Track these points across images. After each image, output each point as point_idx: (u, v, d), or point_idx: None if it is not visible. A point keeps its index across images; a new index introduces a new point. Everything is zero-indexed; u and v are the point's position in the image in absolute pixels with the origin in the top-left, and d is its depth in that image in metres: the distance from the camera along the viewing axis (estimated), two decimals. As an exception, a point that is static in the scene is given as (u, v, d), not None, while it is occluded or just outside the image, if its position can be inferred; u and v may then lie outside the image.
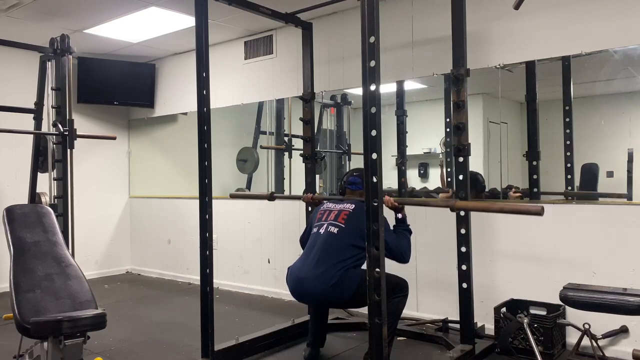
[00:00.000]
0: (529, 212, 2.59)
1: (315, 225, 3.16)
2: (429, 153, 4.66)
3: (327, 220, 3.10)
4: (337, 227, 3.03)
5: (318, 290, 2.90)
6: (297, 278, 3.03)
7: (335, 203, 3.22)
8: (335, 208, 3.16)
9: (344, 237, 2.97)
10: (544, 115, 3.74)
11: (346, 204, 3.15)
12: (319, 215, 3.19)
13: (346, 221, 3.03)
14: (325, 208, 3.22)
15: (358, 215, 2.96)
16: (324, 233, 3.05)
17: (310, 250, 3.06)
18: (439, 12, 3.76)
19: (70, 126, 3.90)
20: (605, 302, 2.52)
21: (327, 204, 3.26)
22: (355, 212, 3.04)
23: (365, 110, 2.32)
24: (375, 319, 2.32)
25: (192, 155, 3.22)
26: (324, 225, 3.09)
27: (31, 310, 2.35)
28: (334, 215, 3.10)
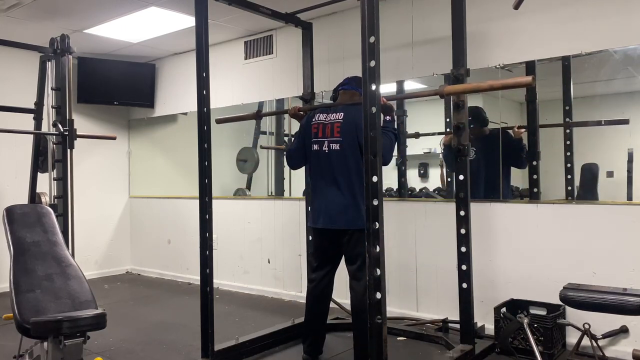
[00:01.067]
0: (518, 84, 2.56)
1: (314, 141, 3.14)
2: (429, 153, 4.66)
3: (325, 136, 3.09)
4: (338, 142, 3.04)
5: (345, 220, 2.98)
6: (328, 208, 3.05)
7: (325, 113, 3.17)
8: (327, 120, 3.12)
9: (348, 151, 3.00)
10: (544, 115, 3.74)
11: (334, 113, 3.12)
12: (314, 130, 3.16)
13: (341, 133, 3.04)
14: (317, 121, 3.17)
15: (349, 123, 3.01)
16: (329, 152, 3.06)
17: (323, 173, 3.08)
18: (439, 12, 3.76)
19: (70, 126, 3.90)
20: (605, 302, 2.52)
21: (317, 115, 3.20)
22: (345, 119, 3.04)
23: (365, 110, 2.32)
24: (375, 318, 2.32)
25: (192, 155, 3.22)
26: (324, 142, 3.08)
27: (31, 310, 2.35)
28: (329, 129, 3.09)
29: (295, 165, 3.40)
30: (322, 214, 3.09)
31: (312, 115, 3.25)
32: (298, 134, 3.32)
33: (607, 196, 3.39)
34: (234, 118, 3.91)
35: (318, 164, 3.14)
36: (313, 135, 3.16)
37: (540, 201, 3.58)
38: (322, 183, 3.11)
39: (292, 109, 3.44)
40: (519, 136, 3.77)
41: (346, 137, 3.02)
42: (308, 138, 3.20)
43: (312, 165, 3.20)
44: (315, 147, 3.14)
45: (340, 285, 3.42)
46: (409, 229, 4.07)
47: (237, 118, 3.92)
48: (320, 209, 3.11)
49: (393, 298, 4.00)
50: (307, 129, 3.22)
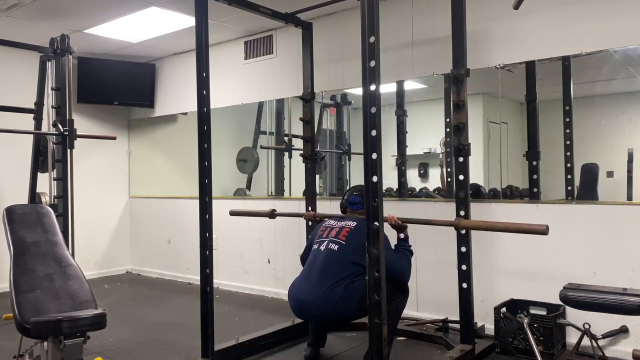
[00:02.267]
0: (534, 232, 2.59)
1: (316, 242, 3.16)
2: (429, 153, 4.66)
3: (328, 237, 3.10)
4: (338, 244, 3.03)
5: (320, 311, 2.92)
6: (298, 300, 3.01)
7: (337, 220, 3.22)
8: (337, 225, 3.15)
9: (344, 254, 2.97)
10: (544, 115, 3.74)
11: (348, 221, 3.15)
12: (320, 232, 3.19)
13: (347, 238, 3.02)
14: (326, 225, 3.21)
15: (359, 233, 2.93)
16: (324, 250, 3.04)
17: (310, 268, 3.06)
18: (439, 12, 3.76)
19: (70, 126, 3.90)
20: (605, 302, 2.52)
21: (328, 221, 3.26)
22: (357, 229, 3.03)
23: (365, 110, 2.32)
24: (375, 318, 2.32)
25: (192, 155, 3.22)
26: (324, 242, 3.09)
27: (31, 310, 2.35)
28: (335, 232, 3.10)
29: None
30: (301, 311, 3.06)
31: (324, 221, 3.30)
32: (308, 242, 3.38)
33: (607, 196, 3.39)
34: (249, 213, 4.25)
35: (310, 260, 3.12)
36: (318, 237, 3.18)
37: (540, 201, 3.58)
38: (304, 277, 3.07)
39: (307, 214, 3.74)
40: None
41: (350, 241, 2.99)
42: (313, 240, 3.22)
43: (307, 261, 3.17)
44: (315, 246, 3.15)
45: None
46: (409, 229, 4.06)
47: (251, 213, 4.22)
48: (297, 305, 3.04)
49: (393, 298, 3.99)
50: (315, 232, 3.27)
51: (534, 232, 2.58)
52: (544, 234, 2.50)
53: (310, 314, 3.03)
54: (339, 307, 2.86)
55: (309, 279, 3.01)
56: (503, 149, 3.99)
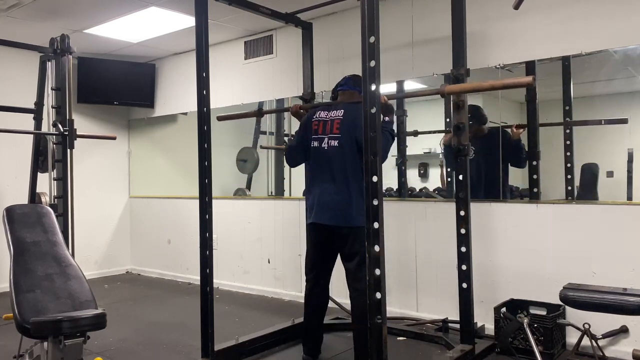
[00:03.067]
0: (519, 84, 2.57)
1: (314, 138, 3.15)
2: (429, 153, 4.66)
3: (325, 132, 3.10)
4: (337, 138, 3.04)
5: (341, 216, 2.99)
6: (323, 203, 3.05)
7: (326, 111, 3.18)
8: (328, 117, 3.13)
9: (346, 147, 3.00)
10: (544, 115, 3.74)
11: (335, 110, 3.13)
12: (314, 127, 3.17)
13: (340, 130, 3.04)
14: (317, 118, 3.18)
15: (349, 120, 3.01)
16: (328, 148, 3.06)
17: (321, 169, 3.09)
18: (439, 12, 3.76)
19: (70, 126, 3.90)
20: (605, 302, 2.52)
21: (318, 112, 3.21)
22: (345, 117, 3.05)
23: (365, 110, 2.32)
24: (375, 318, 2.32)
25: (192, 155, 3.21)
26: (324, 138, 3.09)
27: (31, 310, 2.35)
28: (329, 125, 3.10)
29: (295, 162, 3.39)
30: (319, 210, 3.09)
31: (314, 112, 3.25)
32: (298, 131, 3.33)
33: (607, 196, 3.39)
34: (236, 115, 3.94)
35: (317, 161, 3.15)
36: (313, 132, 3.17)
37: (540, 201, 3.58)
38: (320, 179, 3.11)
39: (293, 107, 3.46)
40: (518, 136, 3.77)
41: (345, 134, 3.03)
42: (308, 134, 3.20)
43: (311, 161, 3.20)
44: (315, 143, 3.15)
45: (340, 285, 3.42)
46: (409, 229, 4.07)
47: (239, 115, 3.95)
48: (316, 204, 3.11)
49: (393, 298, 3.99)
50: (308, 125, 3.23)
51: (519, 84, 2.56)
52: (529, 84, 2.46)
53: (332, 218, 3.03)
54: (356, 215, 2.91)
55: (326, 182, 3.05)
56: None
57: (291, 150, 3.33)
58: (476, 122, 3.90)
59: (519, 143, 3.77)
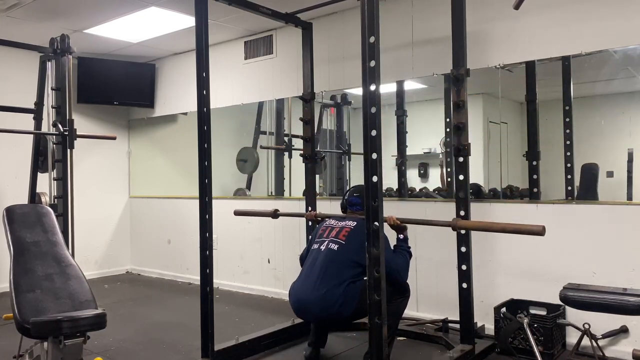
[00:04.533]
0: (530, 232, 2.58)
1: (316, 241, 3.16)
2: (429, 153, 4.66)
3: (329, 237, 3.10)
4: (338, 243, 3.03)
5: (321, 312, 2.93)
6: (299, 300, 3.03)
7: (338, 220, 3.22)
8: (337, 225, 3.16)
9: (344, 253, 2.97)
10: (544, 115, 3.74)
11: (348, 221, 3.16)
12: (321, 232, 3.20)
13: (347, 238, 3.03)
14: (327, 225, 3.22)
15: (359, 232, 2.92)
16: (324, 250, 3.05)
17: (310, 268, 3.06)
18: (439, 12, 3.76)
19: (70, 126, 3.90)
20: (605, 302, 2.52)
21: (329, 220, 3.26)
22: (357, 228, 3.04)
23: (365, 110, 2.32)
24: (375, 318, 2.32)
25: (192, 155, 3.22)
26: (324, 242, 3.09)
27: (31, 310, 2.35)
28: (335, 232, 3.11)
29: None
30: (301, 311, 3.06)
31: (325, 221, 3.30)
32: (309, 241, 3.37)
33: (607, 196, 3.39)
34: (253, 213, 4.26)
35: (310, 259, 3.12)
36: (318, 236, 3.19)
37: (540, 201, 3.58)
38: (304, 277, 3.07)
39: (308, 214, 3.73)
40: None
41: (350, 241, 3.00)
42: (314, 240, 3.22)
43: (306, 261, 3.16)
44: (315, 246, 3.15)
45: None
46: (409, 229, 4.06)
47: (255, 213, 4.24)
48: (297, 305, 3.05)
49: (393, 298, 3.99)
50: (316, 232, 3.27)
51: (530, 232, 2.58)
52: (540, 234, 2.50)
53: (311, 314, 3.03)
54: (340, 307, 2.86)
55: (309, 279, 3.01)
56: (503, 149, 4.00)
57: (301, 258, 3.33)
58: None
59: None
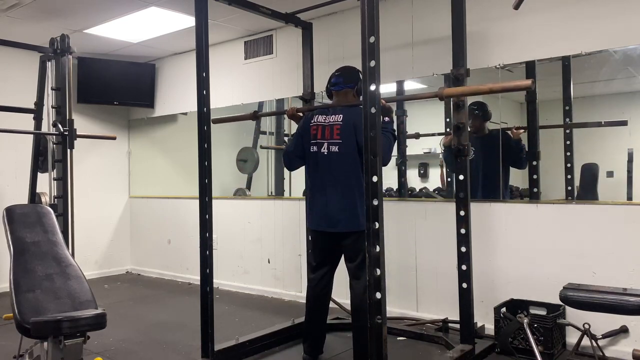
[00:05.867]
0: (518, 87, 2.55)
1: (313, 143, 3.14)
2: (429, 153, 4.66)
3: (325, 137, 3.08)
4: (337, 144, 3.04)
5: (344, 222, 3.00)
6: (327, 210, 3.05)
7: (324, 114, 3.16)
8: (327, 121, 3.11)
9: (347, 154, 3.00)
10: (544, 115, 3.74)
11: (333, 115, 3.11)
12: (313, 132, 3.15)
13: (341, 135, 3.03)
14: (316, 123, 3.16)
15: (348, 125, 3.01)
16: (328, 154, 3.06)
17: (322, 174, 3.08)
18: (439, 12, 3.76)
19: (70, 126, 3.90)
20: (605, 302, 2.52)
21: (316, 117, 3.19)
22: (345, 121, 3.04)
23: (365, 110, 2.32)
24: (375, 318, 2.32)
25: (192, 155, 3.22)
26: (324, 143, 3.08)
27: (31, 310, 2.35)
28: (328, 131, 3.09)
29: (293, 167, 3.38)
30: (321, 216, 3.10)
31: (311, 116, 3.24)
32: (296, 135, 3.32)
33: (607, 196, 3.39)
34: (231, 118, 3.91)
35: (317, 166, 3.14)
36: (312, 137, 3.16)
37: (540, 201, 3.58)
38: (321, 185, 3.11)
39: (290, 110, 3.44)
40: (518, 137, 3.78)
41: (345, 139, 3.02)
42: (307, 139, 3.19)
43: (311, 166, 3.19)
44: (314, 148, 3.14)
45: (340, 285, 3.41)
46: (409, 229, 4.07)
47: (233, 118, 3.92)
48: (318, 211, 3.11)
49: (393, 298, 3.99)
50: (305, 130, 3.22)
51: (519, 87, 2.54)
52: (528, 88, 2.46)
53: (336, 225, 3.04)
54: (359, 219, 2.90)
55: (327, 190, 3.05)
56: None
57: (289, 154, 3.31)
58: (481, 117, 3.91)
59: (519, 144, 3.78)
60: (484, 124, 3.98)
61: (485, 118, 3.97)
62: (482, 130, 3.97)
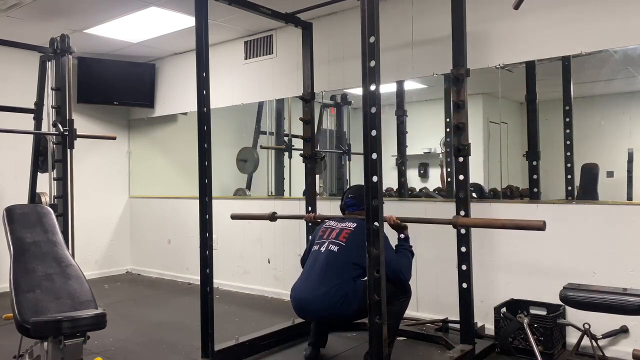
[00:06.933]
0: (531, 228, 2.58)
1: (317, 243, 3.17)
2: (429, 153, 4.66)
3: (329, 238, 3.10)
4: (338, 245, 3.04)
5: (321, 310, 2.94)
6: (300, 299, 3.04)
7: (337, 221, 3.22)
8: (337, 226, 3.16)
9: (345, 255, 2.98)
10: (544, 115, 3.74)
11: (348, 222, 3.16)
12: (321, 233, 3.20)
13: (347, 239, 3.04)
14: (327, 226, 3.22)
15: (359, 234, 2.93)
16: (324, 251, 3.05)
17: (311, 269, 3.07)
18: (439, 12, 3.76)
19: (70, 126, 3.90)
20: (605, 302, 2.52)
21: (329, 222, 3.27)
22: (356, 229, 3.05)
23: (365, 110, 2.32)
24: (375, 318, 2.32)
25: (192, 155, 3.22)
26: (324, 243, 3.10)
27: (31, 310, 2.35)
28: (335, 233, 3.11)
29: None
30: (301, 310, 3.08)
31: (324, 222, 3.30)
32: (309, 243, 3.36)
33: (607, 196, 3.39)
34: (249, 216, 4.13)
35: (310, 261, 3.13)
36: (318, 238, 3.19)
37: (540, 201, 3.58)
38: (306, 276, 3.09)
39: (308, 216, 3.71)
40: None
41: (350, 243, 3.01)
42: (314, 241, 3.22)
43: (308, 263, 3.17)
44: (315, 247, 3.15)
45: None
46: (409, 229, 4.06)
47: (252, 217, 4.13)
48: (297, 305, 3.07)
49: (393, 298, 3.99)
50: (316, 233, 3.27)
51: (531, 227, 2.58)
52: (541, 229, 2.49)
53: (311, 313, 3.04)
54: (340, 307, 2.87)
55: (310, 279, 3.03)
56: (503, 149, 4.00)
57: (302, 260, 3.33)
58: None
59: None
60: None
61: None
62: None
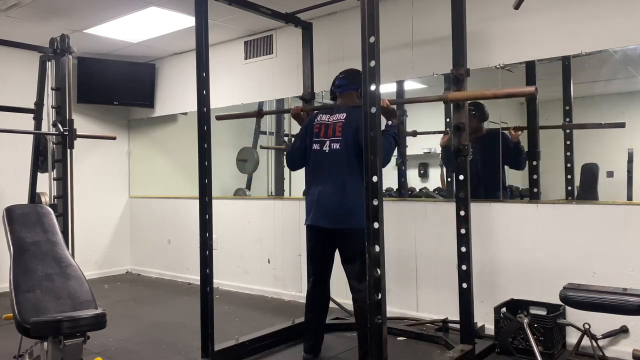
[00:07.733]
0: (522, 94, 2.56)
1: (316, 141, 3.14)
2: (429, 153, 4.66)
3: (327, 136, 3.09)
4: (338, 141, 3.04)
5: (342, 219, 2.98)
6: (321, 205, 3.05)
7: (328, 114, 3.18)
8: (330, 120, 3.13)
9: (347, 151, 3.00)
10: (544, 115, 3.74)
11: (338, 114, 3.13)
12: (316, 130, 3.16)
13: (342, 133, 3.04)
14: (319, 121, 3.18)
15: (351, 124, 3.01)
16: (329, 151, 3.06)
17: (322, 171, 3.09)
18: (439, 12, 3.76)
19: (70, 126, 3.90)
20: (605, 302, 2.52)
21: (320, 116, 3.21)
22: (348, 120, 3.05)
23: (365, 110, 2.32)
24: (375, 318, 2.32)
25: (192, 155, 3.22)
26: (326, 141, 3.09)
27: (31, 310, 2.35)
28: (331, 129, 3.10)
29: (296, 167, 3.39)
30: (317, 212, 3.08)
31: (315, 115, 3.25)
32: (299, 135, 3.32)
33: (607, 196, 3.39)
34: (235, 115, 3.94)
35: (317, 163, 3.14)
36: (315, 135, 3.16)
37: (540, 201, 3.58)
38: (319, 180, 3.11)
39: (294, 109, 3.44)
40: (517, 138, 3.77)
41: (347, 137, 3.02)
42: (309, 138, 3.19)
43: (312, 163, 3.19)
44: (315, 146, 3.14)
45: (340, 285, 3.42)
46: (409, 229, 4.07)
47: (238, 115, 3.96)
48: (315, 206, 3.10)
49: (393, 298, 3.99)
50: (309, 129, 3.22)
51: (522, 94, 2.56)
52: (532, 95, 2.47)
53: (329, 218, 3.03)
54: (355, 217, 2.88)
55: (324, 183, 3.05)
56: (503, 149, 3.99)
57: (292, 154, 3.32)
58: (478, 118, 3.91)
59: (518, 145, 3.78)
60: (481, 125, 3.98)
61: (482, 119, 3.97)
62: (479, 130, 3.96)
